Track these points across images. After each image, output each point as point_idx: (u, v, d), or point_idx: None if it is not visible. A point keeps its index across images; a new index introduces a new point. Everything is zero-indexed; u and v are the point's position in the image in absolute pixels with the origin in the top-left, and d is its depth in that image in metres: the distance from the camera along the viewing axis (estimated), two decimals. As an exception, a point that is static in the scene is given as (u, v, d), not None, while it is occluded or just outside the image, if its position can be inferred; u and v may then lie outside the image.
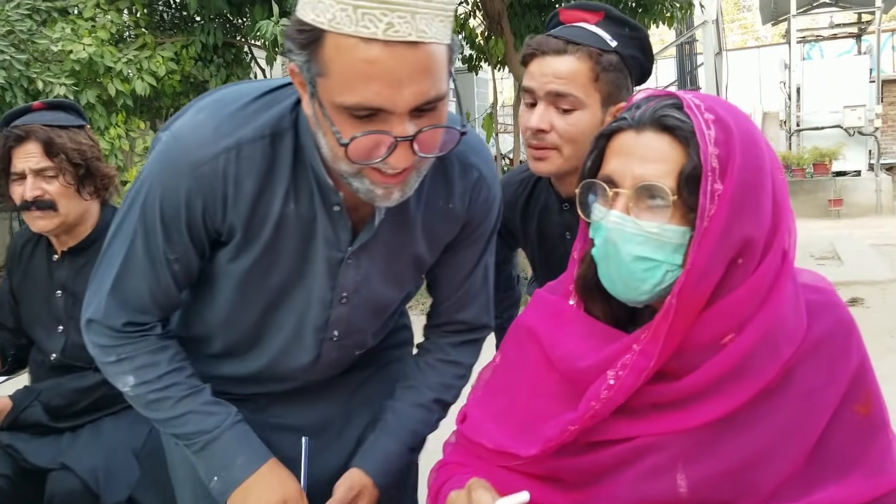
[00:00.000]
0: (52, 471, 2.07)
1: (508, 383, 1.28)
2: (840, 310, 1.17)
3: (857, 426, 1.13)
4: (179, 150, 1.26)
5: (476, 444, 1.26)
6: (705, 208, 1.04)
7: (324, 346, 1.49)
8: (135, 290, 1.36)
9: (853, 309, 6.88)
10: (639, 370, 1.10)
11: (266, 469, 1.40)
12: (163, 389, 1.39)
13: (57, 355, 2.23)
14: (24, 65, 5.83)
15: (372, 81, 1.07)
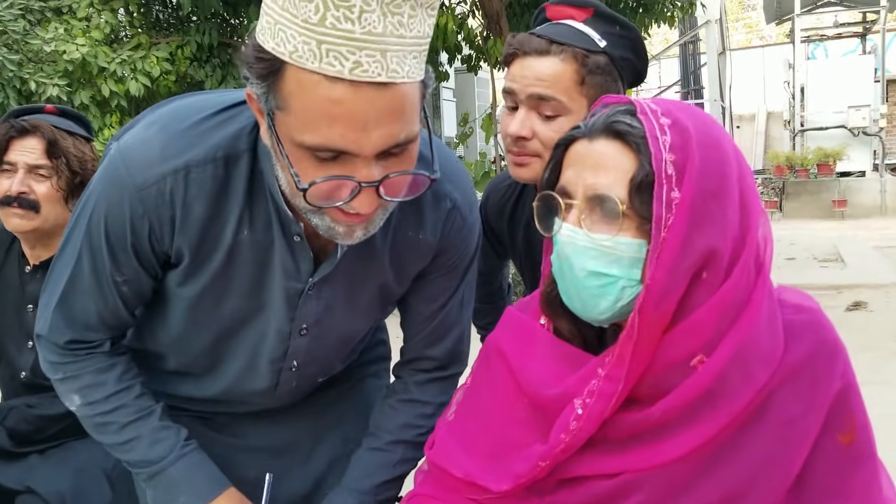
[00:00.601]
0: (19, 493, 1.98)
1: (478, 408, 1.21)
2: (824, 330, 1.08)
3: (839, 456, 1.05)
4: (125, 168, 1.16)
5: (446, 474, 1.19)
6: (661, 217, 0.97)
7: (282, 375, 1.40)
8: (81, 309, 1.28)
9: (856, 312, 6.83)
10: (607, 396, 1.02)
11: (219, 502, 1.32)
12: (108, 413, 1.31)
13: (27, 373, 2.13)
14: (17, 65, 5.79)
15: (336, 123, 0.96)
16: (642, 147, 1.00)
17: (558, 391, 1.08)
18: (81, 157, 2.08)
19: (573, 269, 1.03)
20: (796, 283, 8.23)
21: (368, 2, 0.92)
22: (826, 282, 8.19)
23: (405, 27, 0.96)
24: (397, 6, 0.94)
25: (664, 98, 1.10)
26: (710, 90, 16.56)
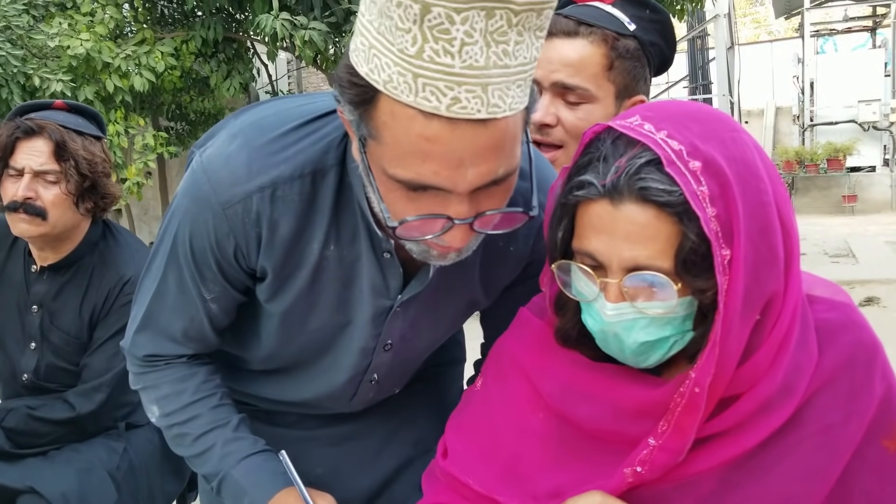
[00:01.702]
0: (21, 493, 1.93)
1: (492, 417, 1.14)
2: (860, 329, 1.02)
3: (885, 464, 0.99)
4: (209, 186, 1.11)
5: (462, 485, 1.12)
6: (722, 284, 0.89)
7: (361, 387, 1.37)
8: (165, 325, 1.27)
9: (869, 308, 6.75)
10: (662, 465, 0.96)
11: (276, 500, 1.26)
12: (184, 423, 1.28)
13: (29, 375, 2.09)
14: (21, 61, 5.77)
15: (430, 160, 0.90)
16: (683, 214, 0.90)
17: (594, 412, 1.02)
18: (91, 158, 2.01)
19: (623, 342, 0.97)
20: (807, 278, 8.19)
21: (471, 34, 0.84)
22: (838, 277, 8.10)
23: (510, 56, 0.87)
24: (502, 34, 0.85)
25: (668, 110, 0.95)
26: (718, 85, 16.47)
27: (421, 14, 0.82)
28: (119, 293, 2.03)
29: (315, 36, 5.77)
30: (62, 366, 2.07)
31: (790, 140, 17.86)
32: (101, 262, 2.07)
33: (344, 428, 1.45)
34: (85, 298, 2.05)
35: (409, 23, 0.83)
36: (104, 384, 2.03)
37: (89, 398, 2.02)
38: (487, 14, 0.83)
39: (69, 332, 2.06)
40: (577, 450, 1.04)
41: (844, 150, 14.65)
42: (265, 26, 5.71)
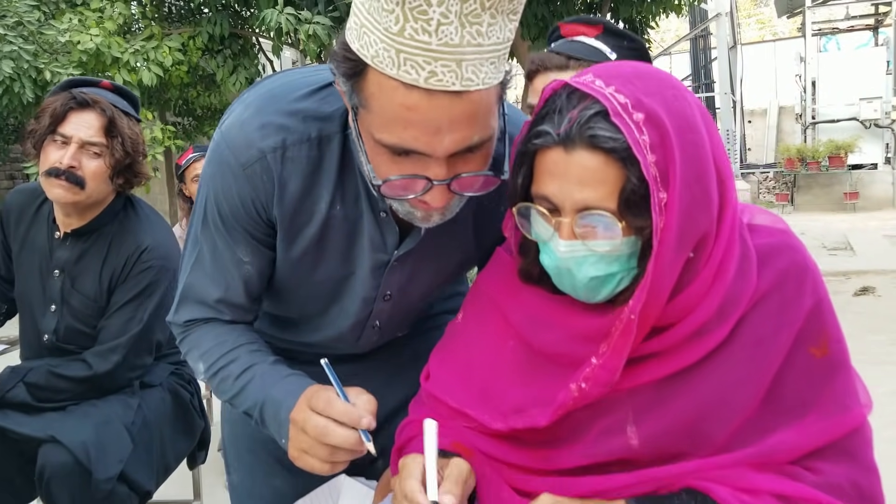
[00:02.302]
0: (43, 443, 2.04)
1: (469, 344, 1.26)
2: (794, 251, 1.12)
3: (813, 368, 1.08)
4: (229, 151, 1.23)
5: (441, 403, 1.25)
6: (657, 223, 0.99)
7: (364, 332, 1.47)
8: (203, 296, 1.35)
9: (863, 297, 6.87)
10: (603, 384, 1.07)
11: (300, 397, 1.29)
12: (225, 367, 1.34)
13: (49, 336, 2.21)
14: (33, 55, 5.88)
15: (410, 127, 1.01)
16: (627, 159, 0.99)
17: (553, 338, 1.13)
18: (135, 139, 2.13)
19: (574, 276, 1.07)
20: (805, 269, 8.29)
21: (446, 14, 0.94)
22: (835, 268, 8.23)
23: (483, 36, 0.98)
24: (476, 16, 0.96)
25: (619, 69, 1.04)
26: (720, 84, 16.56)
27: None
28: (136, 260, 2.15)
29: (319, 30, 5.91)
30: (80, 328, 2.18)
31: (793, 139, 17.94)
32: (120, 231, 2.18)
33: (355, 366, 1.54)
34: (105, 264, 2.16)
35: (393, 4, 0.94)
36: (120, 346, 2.14)
37: (106, 358, 2.14)
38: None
39: (88, 296, 2.17)
40: (538, 371, 1.15)
41: (846, 148, 14.74)
42: (270, 21, 5.84)
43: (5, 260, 2.28)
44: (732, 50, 17.78)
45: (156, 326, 2.22)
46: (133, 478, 2.09)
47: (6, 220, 2.26)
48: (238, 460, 1.64)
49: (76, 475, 1.97)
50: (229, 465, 1.68)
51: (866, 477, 1.07)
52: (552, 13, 7.86)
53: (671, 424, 1.09)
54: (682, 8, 8.41)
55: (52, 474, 1.97)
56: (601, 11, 8.21)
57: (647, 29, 8.96)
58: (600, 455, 1.11)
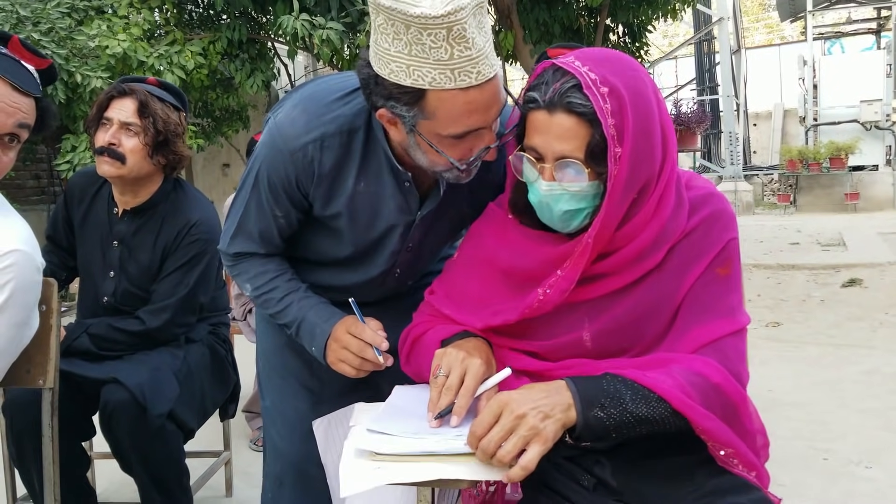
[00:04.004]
0: (105, 384, 2.35)
1: (463, 275, 1.64)
2: (718, 200, 1.50)
3: (718, 282, 1.46)
4: (281, 139, 1.65)
5: (438, 311, 1.64)
6: (612, 170, 1.35)
7: (388, 278, 1.89)
8: (249, 232, 1.78)
9: (851, 289, 7.20)
10: (562, 290, 1.44)
11: (334, 329, 1.75)
12: (269, 291, 1.81)
13: (108, 298, 2.56)
14: (64, 59, 6.20)
15: (472, 114, 1.42)
16: (593, 121, 1.32)
17: (526, 264, 1.50)
18: (166, 119, 2.48)
19: (552, 210, 1.43)
20: (797, 263, 8.56)
21: (471, 31, 1.35)
22: (826, 262, 8.52)
23: (485, 35, 1.40)
24: (480, 24, 1.38)
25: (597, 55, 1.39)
26: (723, 87, 16.81)
27: (447, 34, 1.33)
28: (186, 234, 2.52)
29: (332, 35, 6.25)
30: (135, 292, 2.54)
31: (797, 141, 18.09)
32: (172, 209, 2.55)
33: (368, 309, 1.89)
34: (158, 237, 2.52)
35: (440, 41, 1.34)
36: (170, 306, 2.50)
37: (157, 316, 2.49)
38: (474, 16, 1.35)
39: (143, 264, 2.53)
40: (515, 289, 1.52)
41: (846, 149, 14.89)
42: (287, 26, 6.19)
43: (67, 234, 2.64)
44: (736, 54, 18.04)
45: (199, 291, 2.59)
46: (180, 417, 2.42)
47: (70, 198, 2.62)
48: (270, 386, 2.04)
49: (133, 410, 2.29)
50: (263, 391, 2.07)
51: (736, 364, 1.42)
52: (553, 18, 8.19)
53: (616, 326, 1.46)
54: (679, 13, 8.69)
55: (114, 409, 2.29)
56: (600, 16, 8.53)
57: (646, 33, 9.26)
58: (559, 346, 1.48)
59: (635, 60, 1.47)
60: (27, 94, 1.66)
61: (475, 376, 1.42)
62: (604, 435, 1.29)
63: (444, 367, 1.44)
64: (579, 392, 1.30)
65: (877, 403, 4.21)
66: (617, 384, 1.31)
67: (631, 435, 1.30)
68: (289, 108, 1.68)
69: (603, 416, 1.28)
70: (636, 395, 1.30)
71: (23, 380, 1.84)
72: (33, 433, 2.15)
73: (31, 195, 9.55)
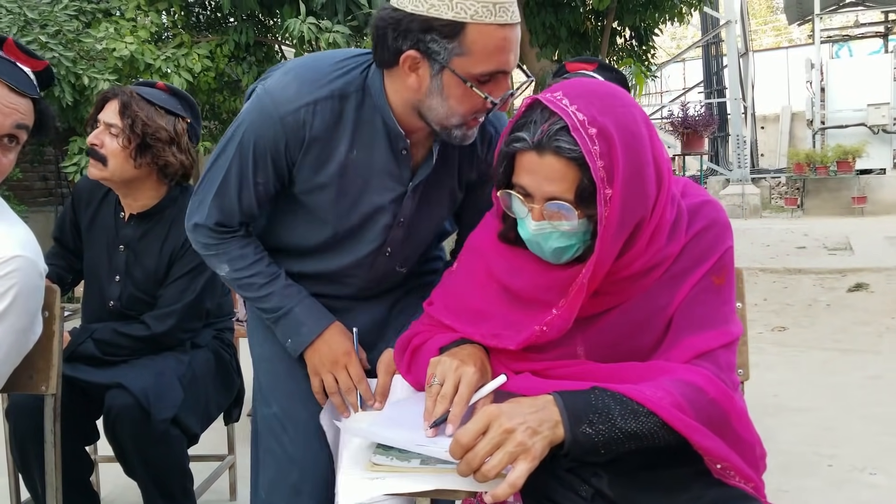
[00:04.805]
0: (110, 389, 2.35)
1: (462, 284, 1.64)
2: (711, 208, 1.49)
3: (712, 292, 1.45)
4: (272, 103, 1.63)
5: (436, 321, 1.64)
6: (602, 212, 1.34)
7: (378, 259, 1.85)
8: (228, 200, 1.75)
9: (858, 293, 7.18)
10: (559, 328, 1.44)
11: (327, 332, 1.80)
12: (250, 276, 1.80)
13: (114, 302, 2.55)
14: (72, 62, 6.22)
15: (503, 52, 1.50)
16: (582, 164, 1.31)
17: (522, 284, 1.50)
18: (150, 123, 2.41)
19: (542, 247, 1.43)
20: (804, 267, 8.55)
21: None
22: (832, 266, 8.50)
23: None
24: None
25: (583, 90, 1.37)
26: (731, 90, 16.78)
27: None
28: None
29: (339, 38, 6.26)
30: (141, 296, 2.54)
31: (805, 144, 18.04)
32: (179, 215, 2.51)
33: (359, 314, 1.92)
34: (165, 242, 2.52)
35: None
36: (175, 311, 2.50)
37: (162, 321, 2.49)
38: None
39: (149, 269, 2.52)
40: (512, 306, 1.52)
41: (854, 153, 14.84)
42: (293, 30, 6.21)
43: (74, 237, 2.65)
44: (744, 57, 18.03)
45: (206, 297, 2.59)
46: (184, 422, 2.41)
47: (78, 201, 2.63)
48: (278, 391, 1.93)
49: (137, 416, 2.29)
50: (266, 398, 1.96)
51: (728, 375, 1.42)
52: (559, 21, 8.20)
53: (610, 340, 1.47)
54: (685, 16, 8.69)
55: (118, 414, 2.30)
56: (607, 20, 8.53)
57: (652, 36, 9.27)
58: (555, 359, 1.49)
59: (626, 92, 1.46)
60: (24, 94, 1.67)
61: (469, 384, 1.42)
62: (592, 451, 1.28)
63: (438, 376, 1.45)
64: (567, 408, 1.28)
65: (882, 409, 4.20)
66: (605, 399, 1.30)
67: (620, 450, 1.29)
68: (279, 75, 1.68)
69: (591, 432, 1.26)
70: (625, 409, 1.28)
71: (25, 386, 1.85)
72: (36, 438, 2.16)
73: (38, 196, 9.59)
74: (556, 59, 8.37)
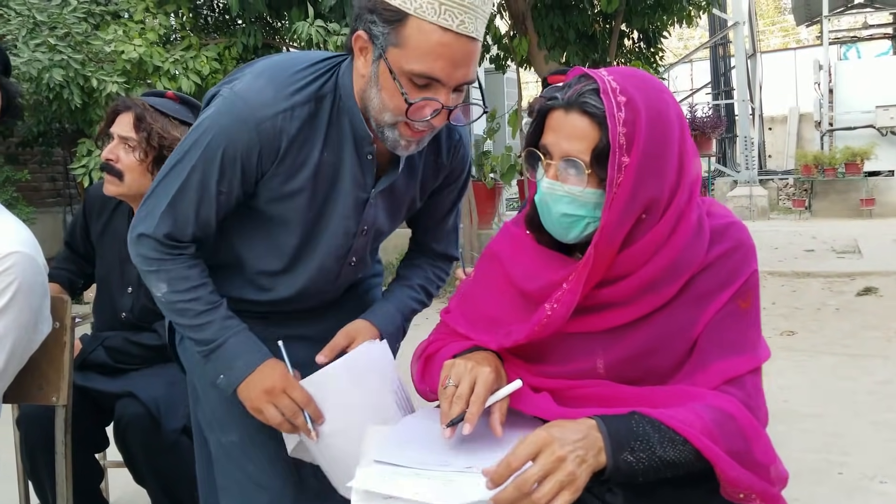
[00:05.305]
0: (120, 398, 2.37)
1: (479, 294, 1.63)
2: (740, 231, 1.48)
3: (740, 315, 1.44)
4: (247, 109, 1.55)
5: (452, 329, 1.64)
6: (614, 178, 1.34)
7: (343, 269, 1.81)
8: (183, 211, 1.62)
9: (867, 297, 7.17)
10: (568, 304, 1.42)
11: (261, 367, 1.67)
12: (189, 301, 1.66)
13: (126, 314, 2.55)
14: (80, 64, 6.22)
15: (440, 59, 1.43)
16: (603, 124, 1.33)
17: (537, 285, 1.49)
18: (165, 134, 2.40)
19: (551, 210, 1.43)
20: (812, 270, 8.53)
21: None
22: (840, 270, 8.47)
23: (486, 4, 1.46)
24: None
25: (626, 71, 1.39)
26: (738, 91, 16.74)
27: None
28: None
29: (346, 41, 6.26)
30: (153, 308, 2.45)
31: (812, 146, 18.00)
32: None
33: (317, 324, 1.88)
34: None
35: None
36: None
37: None
38: None
39: None
40: (527, 309, 1.51)
41: (862, 155, 14.78)
42: (301, 33, 6.20)
43: (85, 243, 2.65)
44: (752, 58, 17.97)
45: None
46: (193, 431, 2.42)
47: (89, 210, 2.62)
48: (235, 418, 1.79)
49: (148, 425, 2.31)
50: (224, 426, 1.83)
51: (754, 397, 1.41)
52: (567, 24, 8.19)
53: (630, 356, 1.45)
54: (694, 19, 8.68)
55: (128, 423, 2.31)
56: (615, 22, 8.52)
57: (661, 38, 9.25)
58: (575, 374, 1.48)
59: (666, 87, 1.47)
60: None
61: (485, 383, 1.40)
62: (631, 478, 1.26)
63: (452, 378, 1.43)
64: (610, 434, 1.26)
65: (892, 415, 4.19)
66: (646, 426, 1.28)
67: (656, 478, 1.28)
68: (250, 78, 1.60)
69: (632, 459, 1.25)
70: (663, 437, 1.27)
71: (36, 397, 1.85)
72: (47, 447, 2.16)
73: (46, 197, 9.59)
74: (563, 61, 8.36)
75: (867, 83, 15.81)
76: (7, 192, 7.64)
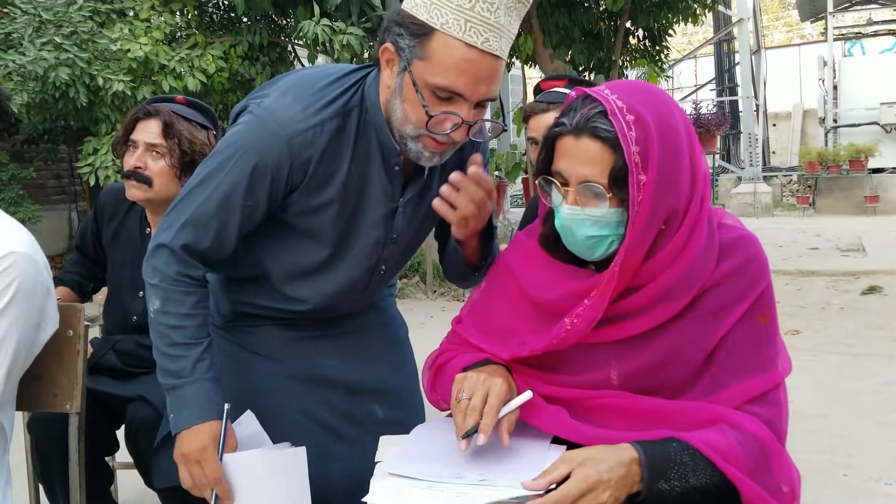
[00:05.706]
0: (132, 401, 2.37)
1: (490, 305, 1.64)
2: (749, 243, 1.48)
3: (758, 331, 1.45)
4: (278, 124, 1.58)
5: (464, 340, 1.65)
6: (635, 197, 1.35)
7: (373, 278, 1.83)
8: (206, 225, 1.62)
9: (871, 296, 7.17)
10: (589, 320, 1.43)
11: (196, 428, 1.59)
12: (172, 328, 1.62)
13: (138, 317, 2.53)
14: (86, 63, 6.25)
15: (463, 75, 1.47)
16: (617, 146, 1.33)
17: (553, 297, 1.50)
18: (192, 139, 2.41)
19: (575, 235, 1.43)
20: (816, 269, 8.52)
21: (501, 2, 1.46)
22: (845, 268, 8.47)
23: (512, 24, 1.50)
24: (512, 9, 1.49)
25: (627, 85, 1.40)
26: (743, 87, 16.71)
27: None
28: None
29: (352, 40, 6.27)
30: None
31: (817, 142, 17.95)
32: None
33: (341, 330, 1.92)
34: None
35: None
36: None
37: None
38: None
39: None
40: (541, 320, 1.52)
41: (866, 152, 14.74)
42: (307, 31, 6.21)
43: (96, 247, 2.65)
44: (756, 54, 17.94)
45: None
46: (205, 435, 2.44)
47: (100, 214, 2.62)
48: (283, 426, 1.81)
49: (159, 428, 2.32)
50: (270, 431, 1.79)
51: (777, 414, 1.43)
52: (573, 22, 8.19)
53: (643, 368, 1.46)
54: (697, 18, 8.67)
55: (139, 427, 2.31)
56: (620, 20, 8.51)
57: (666, 36, 9.24)
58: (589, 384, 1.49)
59: (668, 95, 1.48)
60: None
61: (498, 395, 1.41)
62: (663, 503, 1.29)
63: (465, 391, 1.44)
64: (649, 463, 1.29)
65: (896, 416, 4.19)
66: (684, 455, 1.31)
67: (684, 502, 1.30)
68: (277, 95, 1.62)
69: (667, 488, 1.28)
70: (697, 464, 1.30)
71: (49, 404, 1.85)
72: (58, 451, 2.17)
73: (52, 195, 9.63)
74: (568, 59, 8.36)
75: (871, 80, 15.77)
76: (13, 189, 7.67)
